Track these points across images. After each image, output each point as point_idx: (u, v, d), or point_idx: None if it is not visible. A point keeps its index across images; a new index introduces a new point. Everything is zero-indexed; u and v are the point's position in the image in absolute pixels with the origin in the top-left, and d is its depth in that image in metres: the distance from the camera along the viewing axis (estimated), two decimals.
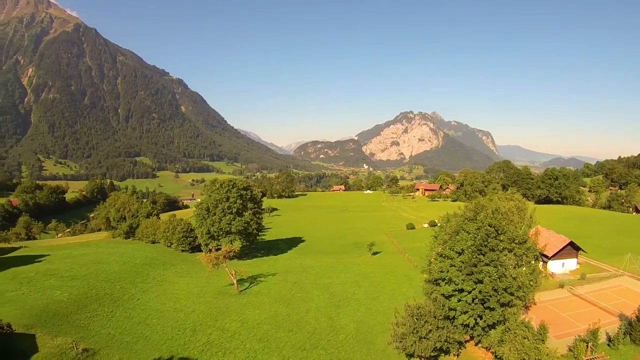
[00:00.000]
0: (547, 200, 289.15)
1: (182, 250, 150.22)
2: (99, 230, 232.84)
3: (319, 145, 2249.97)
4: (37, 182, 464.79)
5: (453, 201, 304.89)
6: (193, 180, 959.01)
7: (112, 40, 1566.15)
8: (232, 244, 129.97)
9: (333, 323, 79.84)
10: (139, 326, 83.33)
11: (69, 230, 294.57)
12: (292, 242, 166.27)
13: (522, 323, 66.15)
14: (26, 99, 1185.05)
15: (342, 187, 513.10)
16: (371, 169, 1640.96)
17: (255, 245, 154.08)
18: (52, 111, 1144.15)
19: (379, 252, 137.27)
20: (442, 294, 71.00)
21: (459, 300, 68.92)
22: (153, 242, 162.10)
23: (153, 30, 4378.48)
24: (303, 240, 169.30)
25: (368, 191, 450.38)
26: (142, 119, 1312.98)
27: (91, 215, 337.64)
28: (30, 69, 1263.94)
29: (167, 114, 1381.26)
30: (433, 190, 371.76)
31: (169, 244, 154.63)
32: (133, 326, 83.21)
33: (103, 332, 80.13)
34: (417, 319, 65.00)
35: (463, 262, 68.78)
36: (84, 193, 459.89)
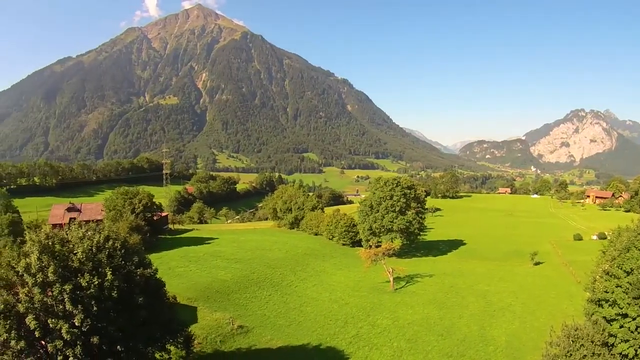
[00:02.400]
0: None
1: (343, 244, 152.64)
2: (266, 219, 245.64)
3: (484, 145, 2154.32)
4: (211, 173, 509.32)
5: (626, 211, 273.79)
6: (358, 176, 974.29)
7: (277, 45, 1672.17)
8: (392, 241, 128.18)
9: (484, 333, 75.66)
10: (294, 312, 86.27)
11: (237, 217, 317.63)
12: (453, 244, 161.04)
13: None
14: (201, 100, 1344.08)
15: (508, 189, 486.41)
16: (539, 171, 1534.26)
17: (415, 245, 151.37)
18: (225, 111, 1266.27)
19: (541, 263, 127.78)
20: (604, 317, 63.60)
21: (620, 327, 60.81)
22: (316, 234, 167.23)
23: (317, 34, 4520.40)
24: (464, 243, 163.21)
25: (535, 195, 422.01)
26: (309, 118, 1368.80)
27: (259, 205, 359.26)
28: (204, 74, 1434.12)
29: (334, 113, 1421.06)
30: (605, 198, 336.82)
31: (330, 237, 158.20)
32: (288, 311, 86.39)
33: (259, 313, 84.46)
34: (572, 340, 59.11)
35: (631, 284, 60.58)
36: (253, 184, 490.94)
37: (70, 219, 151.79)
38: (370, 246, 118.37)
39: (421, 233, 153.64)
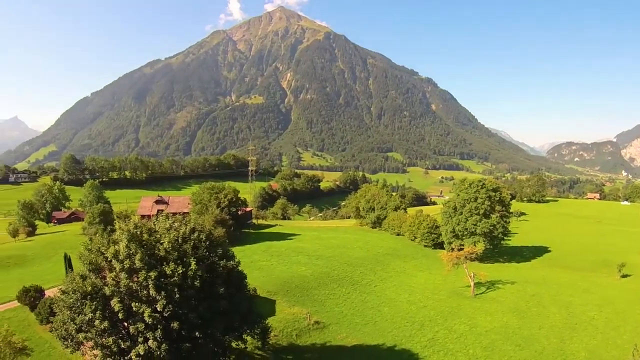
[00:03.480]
0: None
1: (425, 246, 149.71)
2: (348, 217, 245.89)
3: (573, 147, 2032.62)
4: (296, 170, 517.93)
5: None
6: (442, 177, 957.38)
7: (360, 45, 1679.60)
8: (475, 245, 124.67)
9: (564, 347, 71.34)
10: (371, 311, 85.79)
11: (320, 214, 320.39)
12: (537, 251, 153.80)
13: None
14: (286, 100, 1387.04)
15: (597, 195, 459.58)
16: (630, 176, 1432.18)
17: (498, 250, 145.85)
18: (309, 110, 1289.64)
19: (629, 275, 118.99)
20: None
21: None
22: (398, 234, 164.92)
23: (401, 32, 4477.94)
24: (549, 251, 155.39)
25: (625, 202, 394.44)
26: (393, 117, 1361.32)
27: (342, 204, 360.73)
28: (289, 74, 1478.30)
29: (418, 112, 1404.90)
30: None
31: (412, 238, 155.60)
32: (365, 310, 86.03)
33: (336, 310, 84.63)
34: None
35: None
36: (337, 183, 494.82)
37: (158, 210, 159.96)
38: (453, 249, 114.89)
39: (505, 238, 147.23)
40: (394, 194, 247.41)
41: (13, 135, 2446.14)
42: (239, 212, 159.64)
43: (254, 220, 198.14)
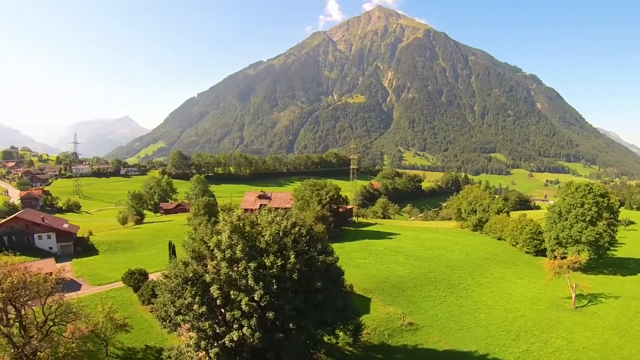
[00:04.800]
0: None
1: (526, 252, 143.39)
2: (449, 219, 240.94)
3: None
4: (397, 170, 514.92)
5: None
6: (547, 180, 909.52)
7: (461, 42, 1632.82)
8: (579, 254, 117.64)
9: None
10: (466, 316, 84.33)
11: (421, 215, 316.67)
12: None
13: None
14: (388, 99, 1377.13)
15: None
16: None
17: (603, 260, 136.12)
18: (411, 109, 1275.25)
19: None
20: None
21: None
22: (499, 239, 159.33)
23: (501, 28, 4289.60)
24: None
25: None
26: (497, 116, 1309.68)
27: (443, 205, 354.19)
28: (390, 73, 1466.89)
29: (522, 111, 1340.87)
30: None
31: (514, 243, 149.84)
32: (461, 315, 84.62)
33: (431, 313, 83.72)
34: None
35: None
36: (439, 183, 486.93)
37: (261, 205, 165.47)
38: (555, 257, 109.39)
39: (611, 248, 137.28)
40: (496, 196, 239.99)
41: (124, 132, 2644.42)
42: (340, 210, 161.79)
43: (354, 218, 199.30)
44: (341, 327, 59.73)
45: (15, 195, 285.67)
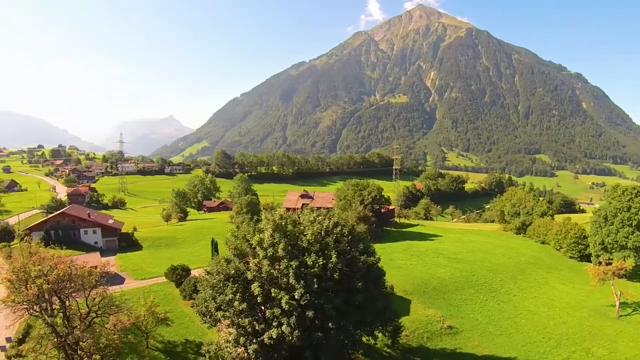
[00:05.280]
0: None
1: (570, 257, 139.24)
2: (492, 221, 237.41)
3: None
4: (440, 170, 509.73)
5: None
6: (593, 183, 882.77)
7: (504, 40, 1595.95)
8: (624, 260, 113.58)
9: None
10: (507, 321, 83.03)
11: (463, 217, 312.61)
12: None
13: None
14: (430, 98, 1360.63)
15: None
16: None
17: None
18: (454, 109, 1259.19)
19: None
20: None
21: None
22: (542, 242, 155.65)
23: (545, 25, 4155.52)
24: None
25: None
26: (541, 116, 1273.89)
27: (487, 207, 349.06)
28: (432, 73, 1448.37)
29: (567, 111, 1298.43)
30: None
31: (558, 247, 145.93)
32: (501, 320, 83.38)
33: (471, 317, 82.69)
34: None
35: None
36: (482, 185, 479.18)
37: (303, 204, 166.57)
38: (600, 263, 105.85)
39: None
40: (540, 199, 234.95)
41: (169, 132, 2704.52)
42: (382, 210, 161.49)
43: (397, 219, 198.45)
44: (380, 328, 59.60)
45: (62, 192, 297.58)
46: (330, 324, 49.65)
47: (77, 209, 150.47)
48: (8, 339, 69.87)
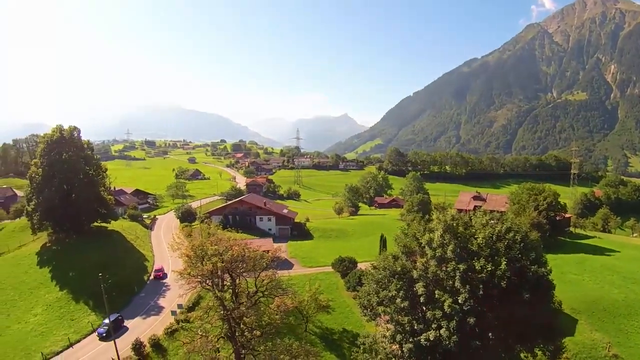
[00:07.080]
0: None
1: None
2: None
3: None
4: (621, 177, 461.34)
5: None
6: None
7: None
8: None
9: None
10: None
11: None
12: None
13: None
14: (612, 95, 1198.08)
15: None
16: None
17: None
18: (638, 107, 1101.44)
19: None
20: None
21: None
22: None
23: None
24: None
25: None
26: None
27: None
28: (612, 66, 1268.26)
29: None
30: None
31: None
32: None
33: None
34: None
35: None
36: None
37: (475, 206, 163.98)
38: None
39: None
40: None
41: (343, 129, 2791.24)
42: (557, 218, 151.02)
43: (572, 229, 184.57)
44: (542, 346, 56.11)
45: (241, 182, 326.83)
46: (490, 333, 48.27)
47: (254, 198, 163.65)
48: (179, 306, 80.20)
